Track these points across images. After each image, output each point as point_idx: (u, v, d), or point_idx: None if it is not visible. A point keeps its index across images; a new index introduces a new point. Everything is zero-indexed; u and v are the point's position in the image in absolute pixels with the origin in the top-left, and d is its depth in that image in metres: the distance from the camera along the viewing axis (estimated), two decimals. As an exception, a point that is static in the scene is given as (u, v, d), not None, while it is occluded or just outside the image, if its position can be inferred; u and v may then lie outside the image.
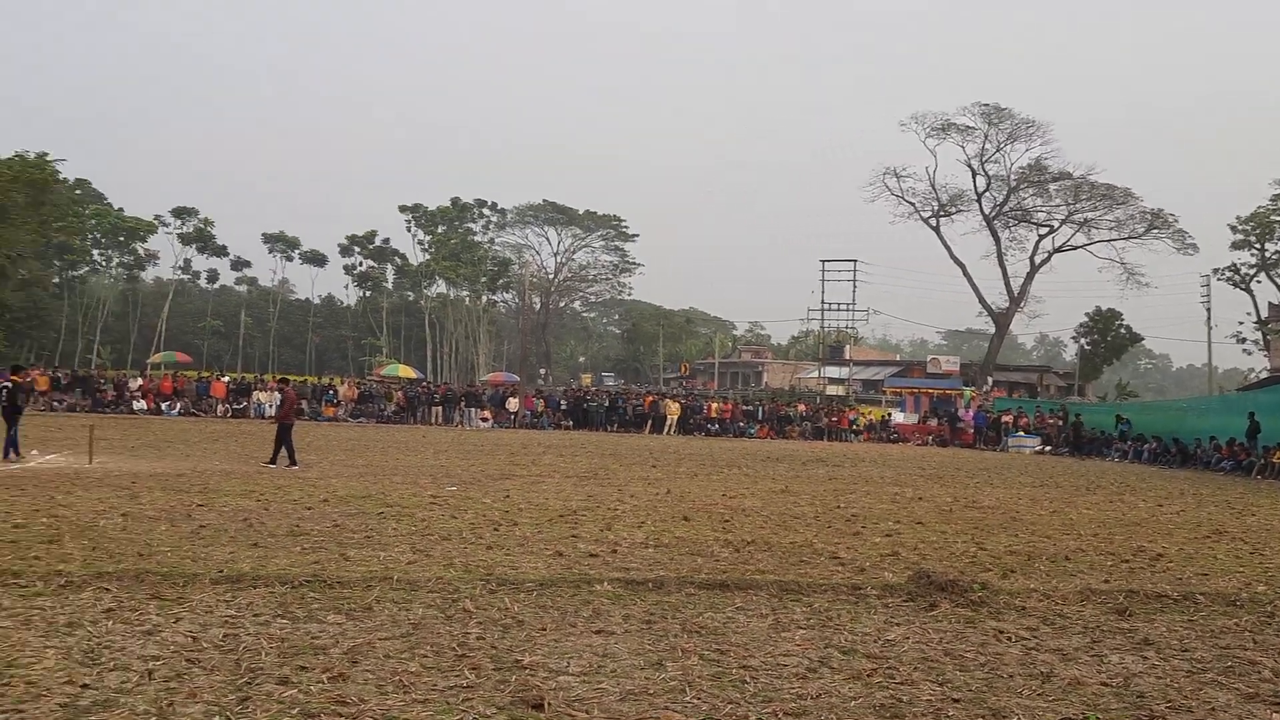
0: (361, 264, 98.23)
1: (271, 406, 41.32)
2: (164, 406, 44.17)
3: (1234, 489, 25.05)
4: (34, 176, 59.70)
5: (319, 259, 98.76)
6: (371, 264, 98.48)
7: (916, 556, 11.49)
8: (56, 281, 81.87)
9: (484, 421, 45.96)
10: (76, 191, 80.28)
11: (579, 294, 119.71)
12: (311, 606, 7.75)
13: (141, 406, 44.03)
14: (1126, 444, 39.69)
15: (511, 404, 48.46)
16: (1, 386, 20.10)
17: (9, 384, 20.48)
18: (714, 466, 25.54)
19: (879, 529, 14.05)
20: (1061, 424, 45.48)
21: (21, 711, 5.19)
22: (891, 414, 57.30)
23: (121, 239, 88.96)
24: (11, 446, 19.36)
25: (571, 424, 48.14)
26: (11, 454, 19.21)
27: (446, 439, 34.30)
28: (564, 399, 52.22)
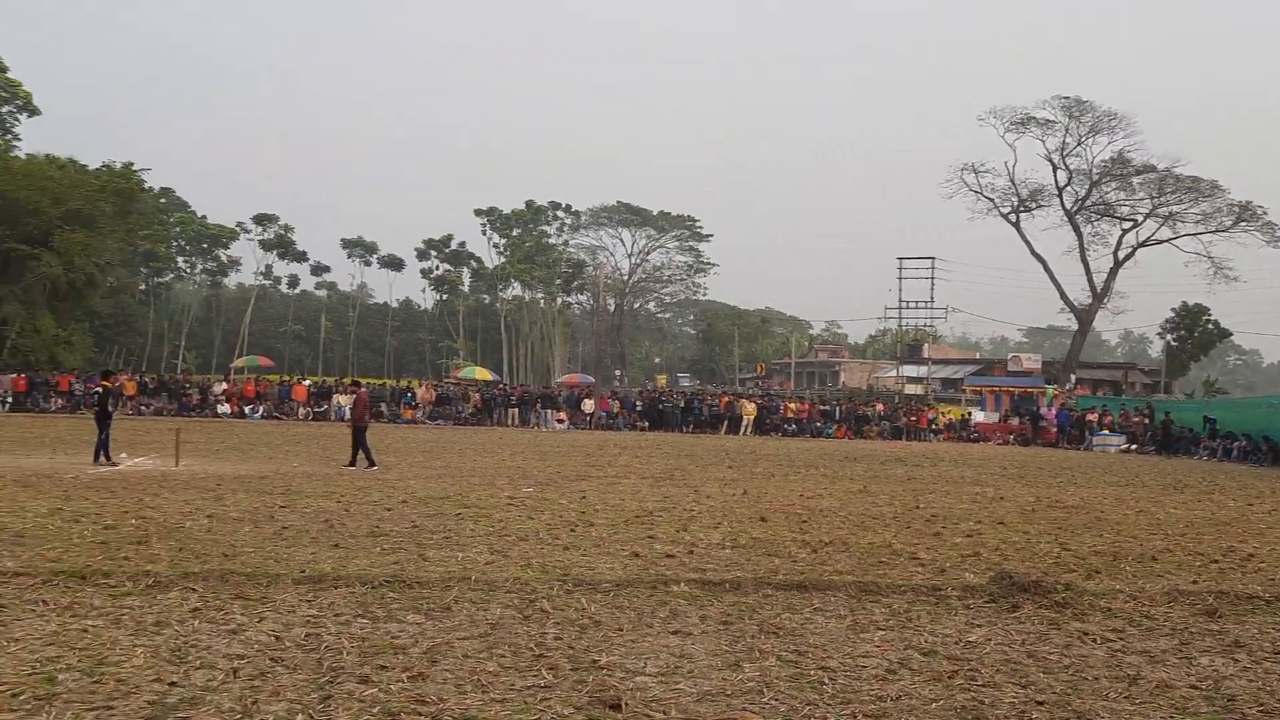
0: (438, 268, 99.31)
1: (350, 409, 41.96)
2: (247, 410, 45.00)
3: (1329, 487, 24.31)
4: (121, 186, 61.31)
5: (397, 263, 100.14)
6: (448, 267, 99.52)
7: (998, 557, 11.31)
8: (143, 288, 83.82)
9: (560, 423, 46.15)
10: (161, 200, 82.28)
11: (653, 295, 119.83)
12: (391, 606, 7.83)
13: (225, 410, 44.90)
14: (1215, 442, 38.69)
15: (587, 405, 48.61)
16: (93, 391, 20.60)
17: (100, 389, 20.96)
18: (791, 467, 25.39)
19: (959, 529, 13.86)
20: (1147, 422, 44.50)
21: (112, 708, 5.30)
22: (971, 413, 56.53)
23: (205, 246, 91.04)
24: (102, 450, 19.81)
25: (647, 425, 48.13)
26: (101, 458, 19.65)
27: (523, 440, 34.50)
28: (639, 400, 52.24)
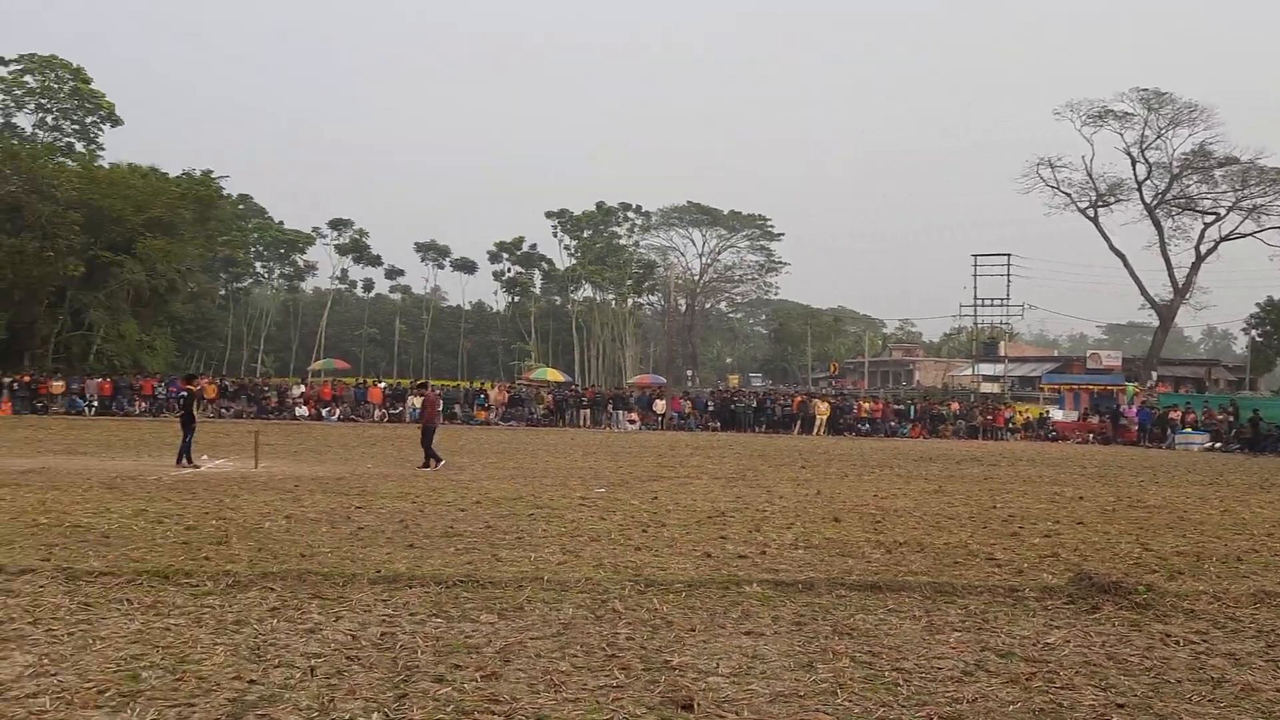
0: (510, 270, 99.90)
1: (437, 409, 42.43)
2: (324, 412, 45.70)
3: None
4: (200, 193, 62.61)
5: (469, 266, 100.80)
6: (519, 270, 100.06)
7: (1077, 557, 11.13)
8: (223, 293, 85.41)
9: (631, 423, 46.23)
10: (240, 206, 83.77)
11: (725, 294, 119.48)
12: (465, 606, 7.90)
13: (303, 412, 45.62)
14: (1304, 440, 37.69)
15: (659, 406, 48.63)
16: (178, 395, 21.01)
17: (185, 393, 21.34)
18: (865, 467, 25.19)
19: (1037, 529, 13.65)
20: (1232, 420, 43.46)
21: (193, 705, 5.41)
22: (1050, 411, 55.59)
23: (282, 251, 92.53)
24: (185, 452, 20.20)
25: (719, 425, 48.04)
26: (184, 460, 20.04)
27: (594, 441, 34.60)
28: (711, 400, 52.12)
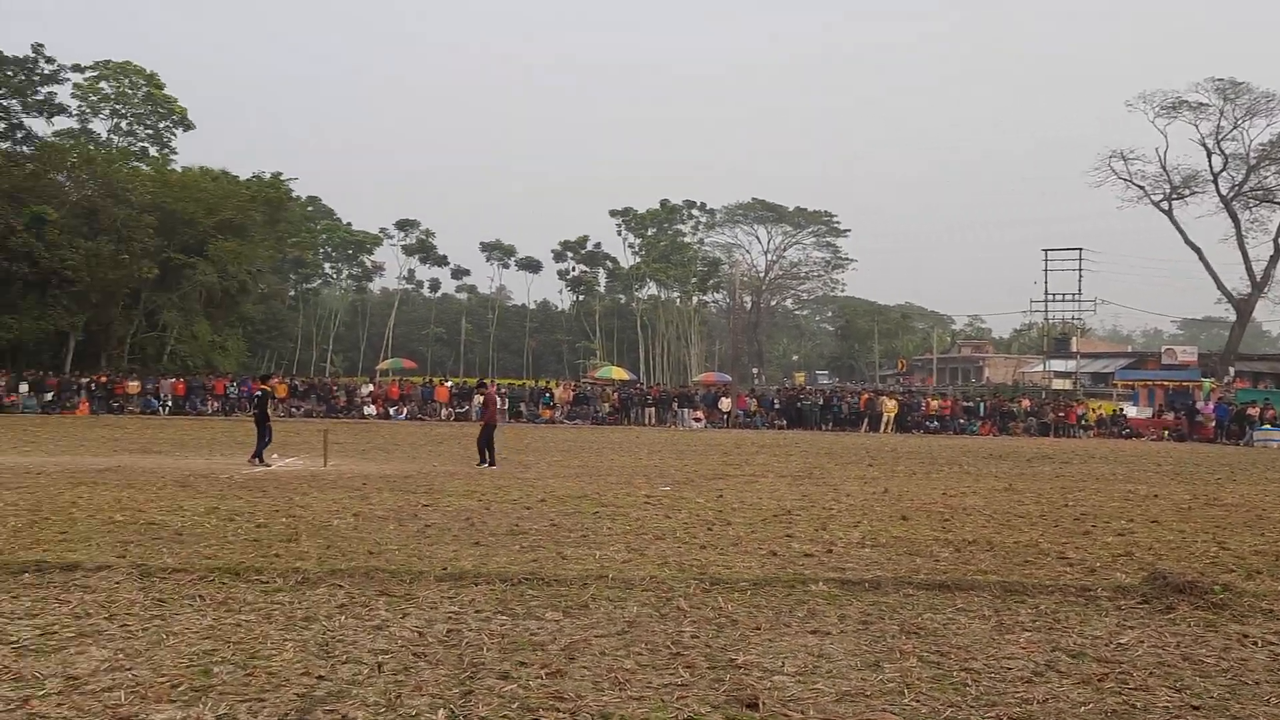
0: (574, 269, 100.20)
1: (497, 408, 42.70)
2: (392, 411, 46.24)
3: None
4: (270, 196, 63.66)
5: (534, 265, 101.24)
6: (584, 268, 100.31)
7: (1152, 556, 10.92)
8: (292, 294, 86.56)
9: (697, 422, 46.20)
10: (309, 208, 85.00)
11: (791, 292, 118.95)
12: (530, 604, 7.92)
13: (371, 411, 46.20)
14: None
15: (724, 404, 48.55)
16: (254, 395, 21.31)
17: (260, 392, 21.63)
18: (933, 465, 24.94)
19: (1110, 528, 13.42)
20: (1312, 415, 42.48)
21: (263, 700, 5.47)
22: (1123, 408, 54.80)
23: (350, 252, 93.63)
24: (260, 451, 20.46)
25: (785, 423, 47.88)
26: (258, 459, 20.28)
27: (660, 439, 34.62)
28: (777, 398, 51.97)
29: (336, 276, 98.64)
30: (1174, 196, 77.20)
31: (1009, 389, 74.63)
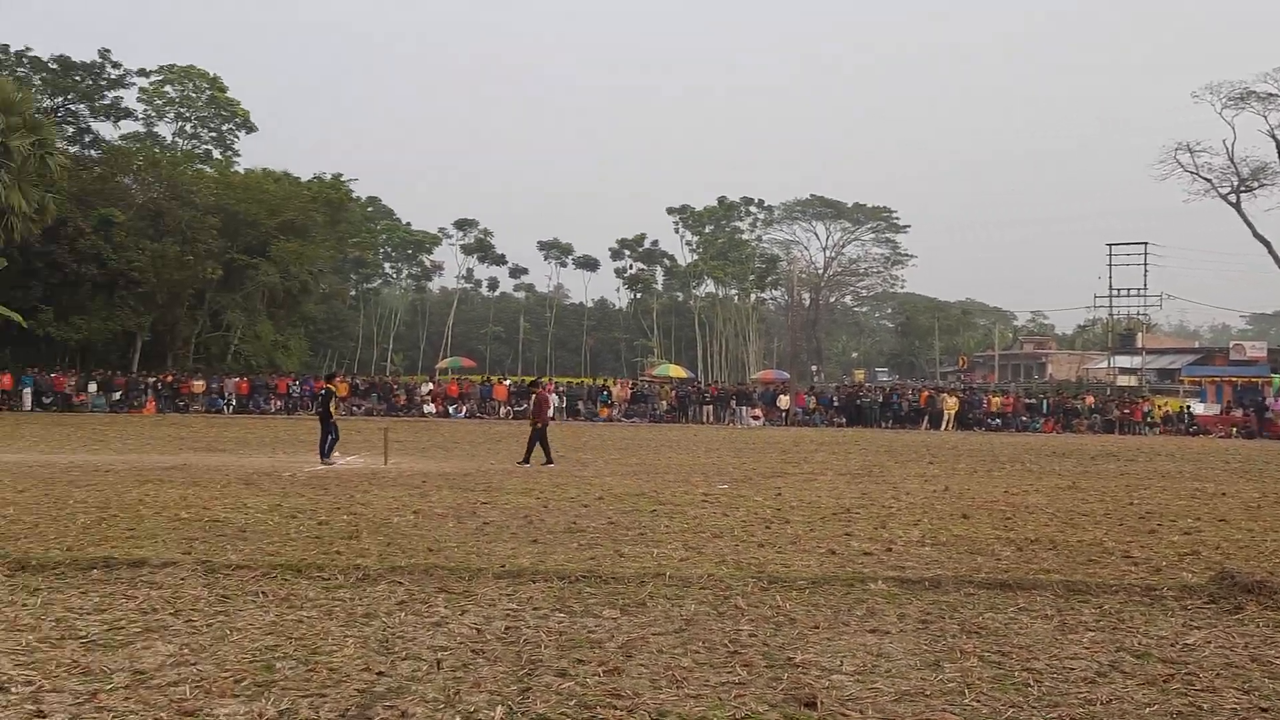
0: (631, 267, 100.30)
1: (550, 408, 42.85)
2: (451, 409, 46.55)
3: None
4: (331, 196, 64.43)
5: (591, 264, 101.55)
6: (641, 266, 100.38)
7: (1219, 556, 10.73)
8: (353, 294, 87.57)
9: (755, 419, 46.04)
10: (369, 209, 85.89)
11: (850, 288, 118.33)
12: (588, 601, 7.94)
13: (430, 410, 46.55)
14: None
15: (783, 401, 48.34)
16: (318, 393, 21.51)
17: (323, 391, 21.83)
18: (995, 462, 24.67)
19: (1177, 527, 13.19)
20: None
21: (324, 695, 5.53)
22: (1190, 405, 53.76)
23: (410, 252, 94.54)
24: (327, 448, 20.58)
25: (844, 421, 47.55)
26: (324, 456, 20.44)
27: (718, 437, 34.56)
28: (836, 395, 51.65)
29: (396, 276, 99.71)
30: (1242, 189, 75.73)
31: (1072, 386, 73.66)
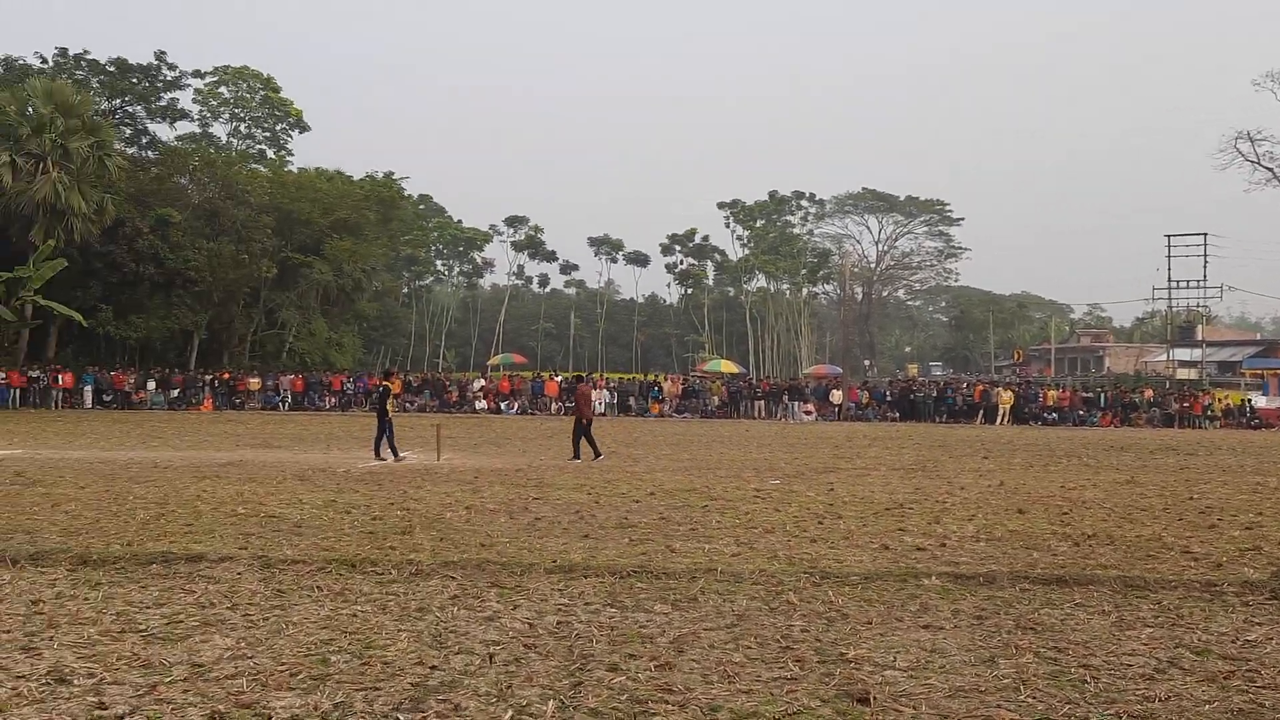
0: (682, 262, 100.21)
1: (601, 403, 42.98)
2: (503, 405, 46.78)
3: None
4: (383, 194, 65.04)
5: (642, 259, 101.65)
6: (692, 262, 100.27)
7: (1282, 551, 10.53)
8: (405, 291, 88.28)
9: (807, 415, 45.83)
10: (420, 206, 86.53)
11: (902, 282, 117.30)
12: (639, 596, 7.95)
13: (482, 406, 46.84)
14: None
15: (835, 396, 48.08)
16: (376, 389, 21.65)
17: (382, 387, 21.93)
18: (1051, 457, 24.38)
19: (1238, 522, 12.97)
20: None
21: (379, 689, 5.59)
22: (1252, 398, 52.81)
23: (461, 249, 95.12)
24: (381, 444, 20.60)
25: (898, 415, 47.21)
26: (381, 452, 20.52)
27: (769, 433, 34.46)
28: (889, 390, 51.29)
29: (448, 273, 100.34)
30: (1306, 178, 74.21)
31: (1131, 379, 72.63)
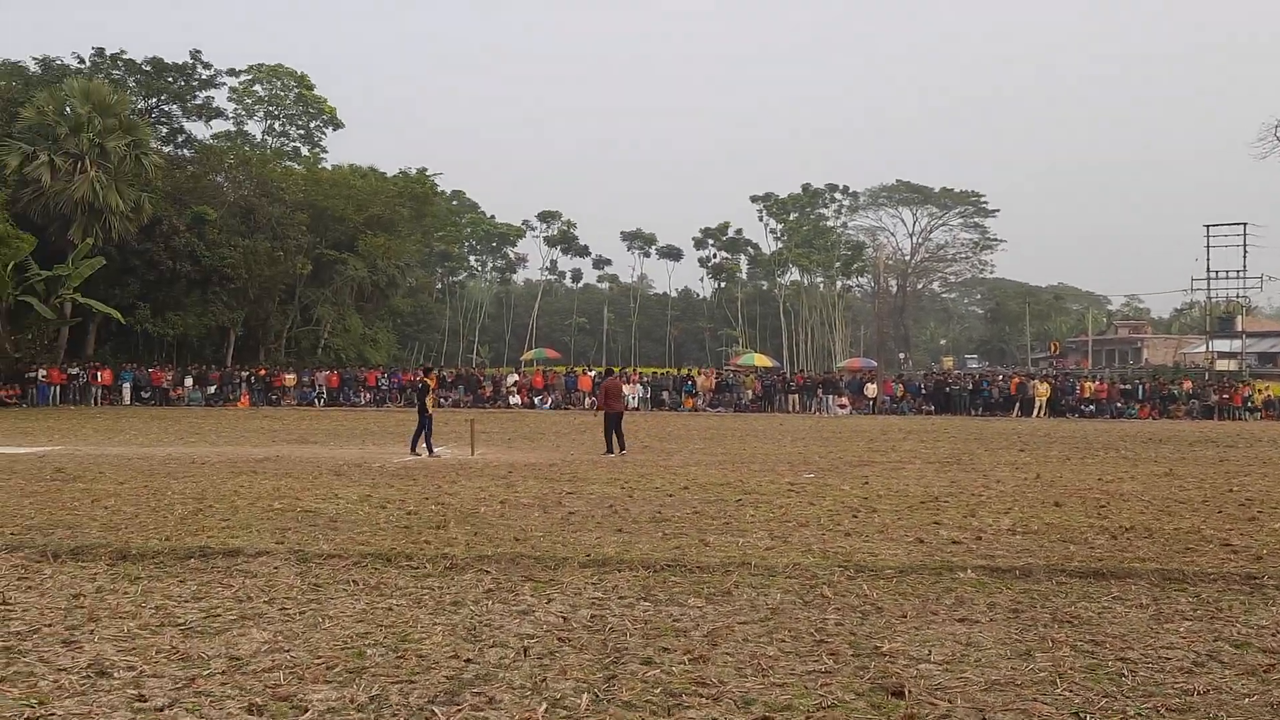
0: (715, 256, 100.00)
1: (634, 398, 43.00)
2: (536, 400, 46.91)
3: None
4: (417, 191, 65.23)
5: (675, 253, 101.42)
6: (725, 255, 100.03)
7: (1323, 544, 10.40)
8: (439, 287, 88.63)
9: (842, 408, 45.68)
10: (453, 202, 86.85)
11: (937, 274, 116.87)
12: (673, 590, 7.95)
13: (516, 401, 46.95)
14: None
15: (870, 390, 47.90)
16: (409, 383, 21.66)
17: (421, 384, 21.99)
18: (1088, 449, 24.20)
19: (1278, 514, 12.82)
20: None
21: (414, 682, 5.62)
22: (1293, 389, 52.18)
23: (494, 244, 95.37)
24: (419, 440, 20.66)
25: (933, 409, 46.98)
26: (419, 448, 20.57)
27: (804, 426, 34.37)
28: (924, 383, 51.01)
29: (481, 269, 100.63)
30: (1348, 166, 73.19)
31: (1169, 370, 71.96)
